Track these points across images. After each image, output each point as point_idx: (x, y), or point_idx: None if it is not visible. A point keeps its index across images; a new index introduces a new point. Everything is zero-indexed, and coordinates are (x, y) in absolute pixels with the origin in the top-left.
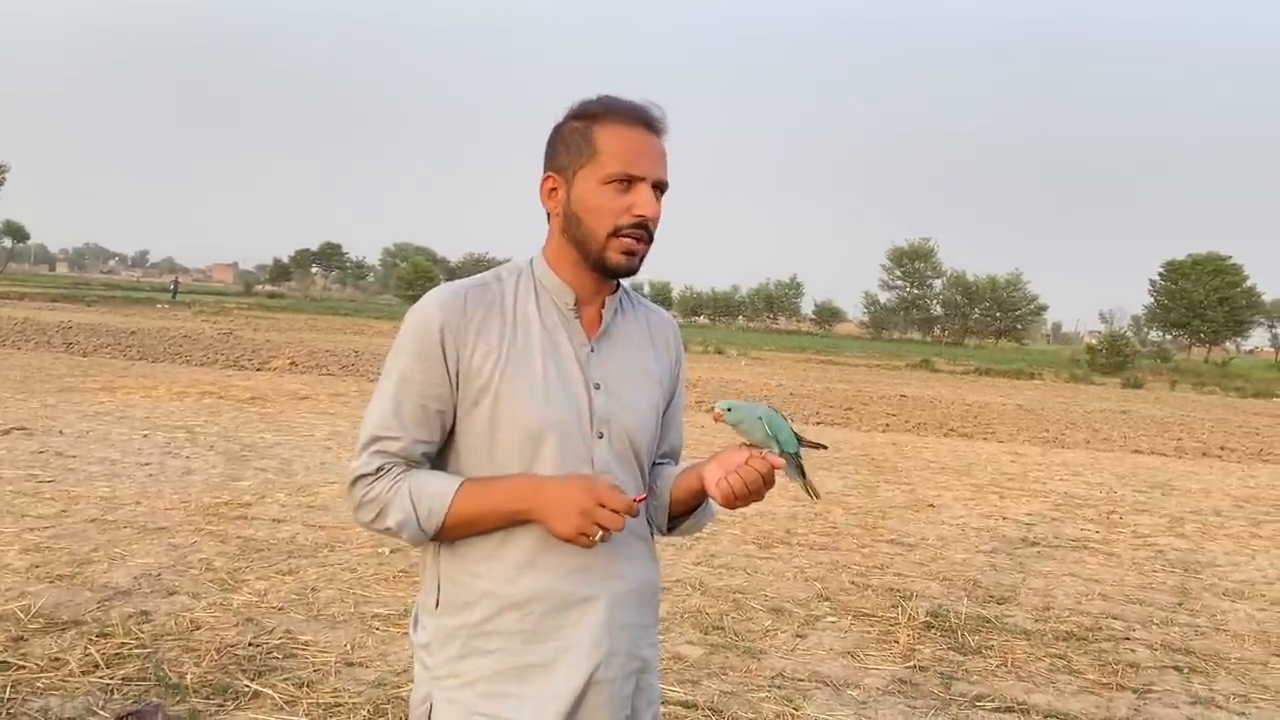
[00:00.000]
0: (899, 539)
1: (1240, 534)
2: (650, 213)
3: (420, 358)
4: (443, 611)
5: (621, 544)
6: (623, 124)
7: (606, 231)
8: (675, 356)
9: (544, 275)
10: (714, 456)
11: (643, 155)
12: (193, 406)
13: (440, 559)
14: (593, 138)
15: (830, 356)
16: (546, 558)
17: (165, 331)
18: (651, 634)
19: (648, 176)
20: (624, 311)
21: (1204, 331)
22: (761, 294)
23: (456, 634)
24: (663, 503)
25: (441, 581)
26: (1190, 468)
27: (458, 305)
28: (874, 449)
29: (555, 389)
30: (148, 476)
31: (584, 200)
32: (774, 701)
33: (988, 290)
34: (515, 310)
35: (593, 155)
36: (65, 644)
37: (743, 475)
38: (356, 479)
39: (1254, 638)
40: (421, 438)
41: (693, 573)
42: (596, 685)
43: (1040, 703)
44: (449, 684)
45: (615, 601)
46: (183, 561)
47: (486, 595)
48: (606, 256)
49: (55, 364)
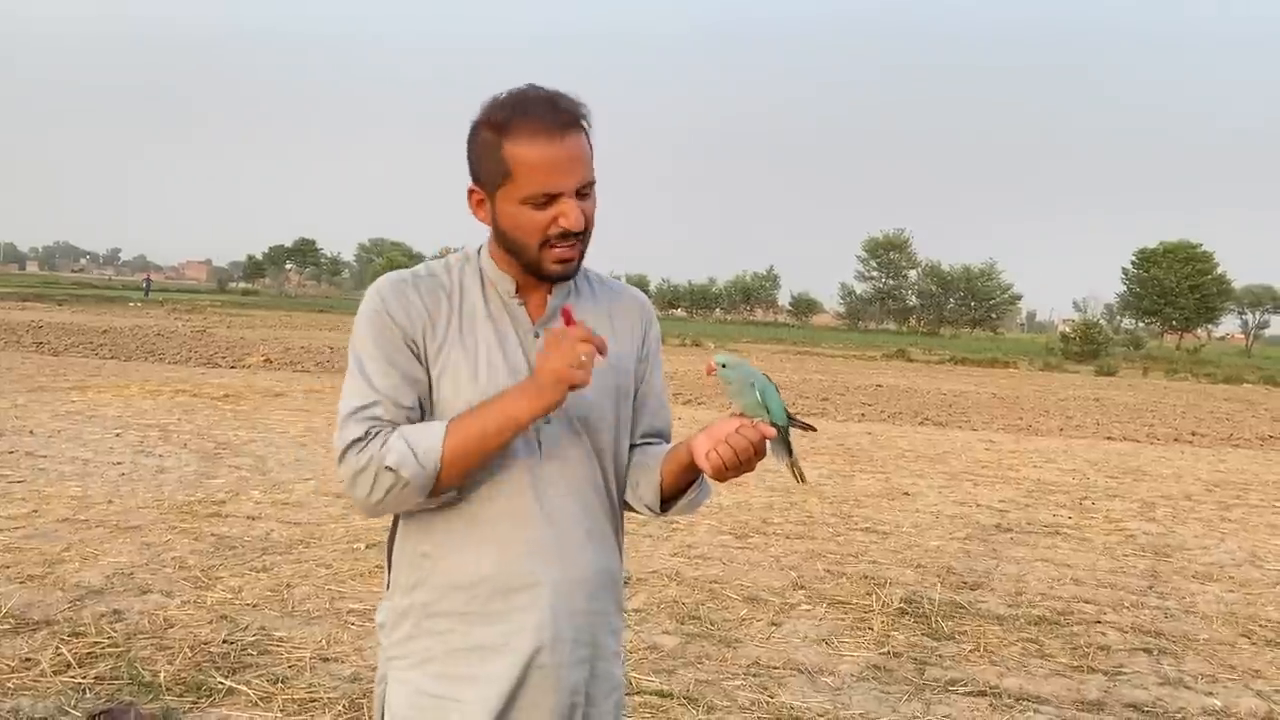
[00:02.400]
0: (874, 527)
1: (1210, 518)
2: (574, 225)
3: (381, 337)
4: (395, 592)
5: (569, 531)
6: (531, 137)
7: (536, 244)
8: (644, 336)
9: (487, 265)
10: (704, 429)
11: (556, 171)
12: (166, 405)
13: (395, 540)
14: (504, 157)
15: (807, 347)
16: (494, 541)
17: (138, 330)
18: (611, 621)
19: (565, 190)
20: (579, 295)
21: (1176, 319)
22: (738, 286)
23: (408, 614)
24: (653, 481)
25: (395, 562)
26: (1162, 453)
27: (402, 290)
28: (849, 438)
29: (500, 375)
30: (120, 476)
31: (506, 221)
32: (749, 689)
33: (962, 280)
34: (462, 298)
35: (508, 177)
36: (37, 644)
37: (733, 444)
38: (347, 448)
39: (1222, 619)
40: (403, 402)
41: (669, 563)
42: (540, 669)
43: (1013, 686)
44: (400, 664)
45: (562, 587)
46: (156, 560)
47: (435, 576)
48: (543, 267)
49: (25, 363)
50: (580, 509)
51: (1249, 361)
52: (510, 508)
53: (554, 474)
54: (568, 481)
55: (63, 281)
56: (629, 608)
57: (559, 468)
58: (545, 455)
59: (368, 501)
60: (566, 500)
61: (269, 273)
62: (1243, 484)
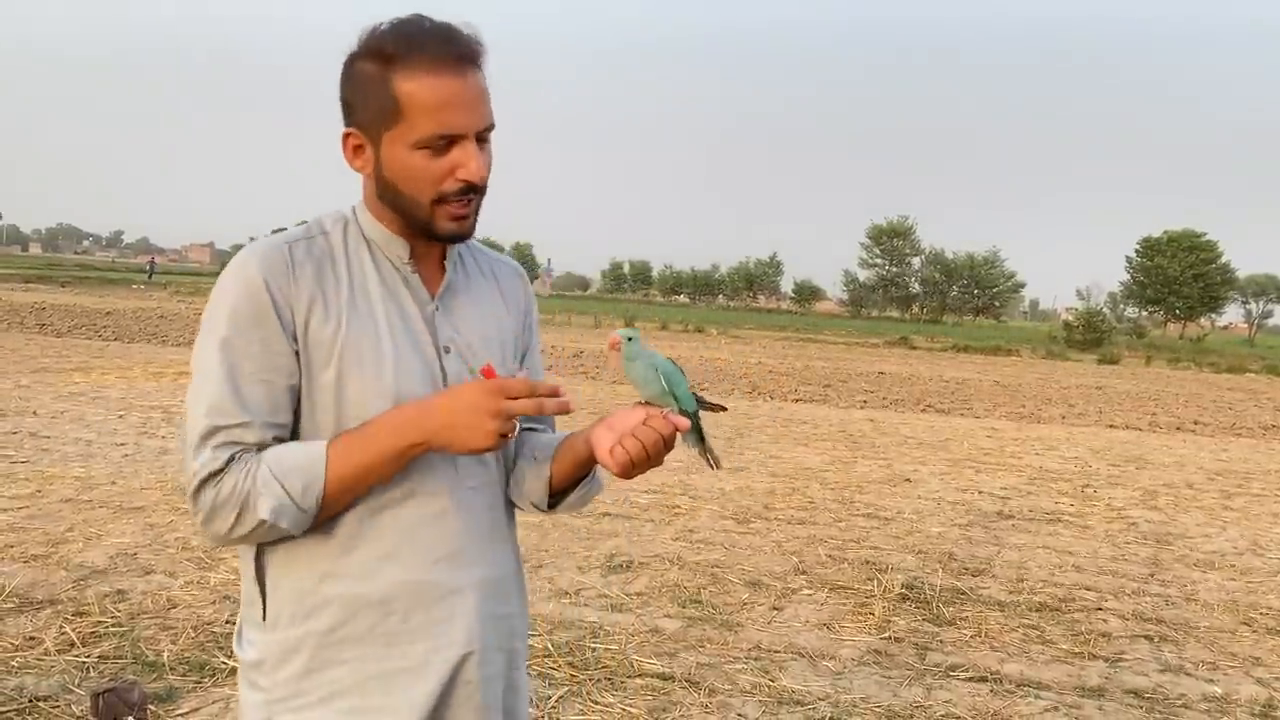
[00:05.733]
0: (875, 513)
1: (1212, 506)
2: (477, 175)
3: (253, 324)
4: (275, 624)
5: (484, 525)
6: (426, 69)
7: (429, 199)
8: (524, 308)
9: (371, 228)
10: (603, 419)
11: (457, 107)
12: (169, 387)
13: (265, 562)
14: (393, 92)
15: (810, 334)
16: (408, 548)
17: (141, 312)
18: (522, 623)
19: (467, 131)
20: (464, 264)
21: (1179, 308)
22: (741, 273)
23: (299, 647)
24: (542, 476)
25: (269, 590)
26: (1164, 442)
27: (282, 261)
28: (852, 425)
29: (406, 356)
30: (123, 457)
31: (395, 168)
32: (751, 673)
33: (966, 268)
34: (349, 266)
35: (398, 116)
36: (40, 623)
37: (641, 438)
38: (203, 482)
39: (1223, 607)
40: (274, 420)
41: (671, 548)
42: (466, 685)
43: (1013, 672)
44: (294, 704)
45: (486, 591)
46: (159, 540)
47: (337, 599)
48: (435, 225)
49: (29, 345)
50: (489, 503)
51: (1252, 351)
52: (427, 510)
53: (470, 467)
54: (480, 475)
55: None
56: (630, 591)
57: (474, 459)
58: None
59: (226, 537)
60: (478, 495)
61: None
62: (1245, 473)
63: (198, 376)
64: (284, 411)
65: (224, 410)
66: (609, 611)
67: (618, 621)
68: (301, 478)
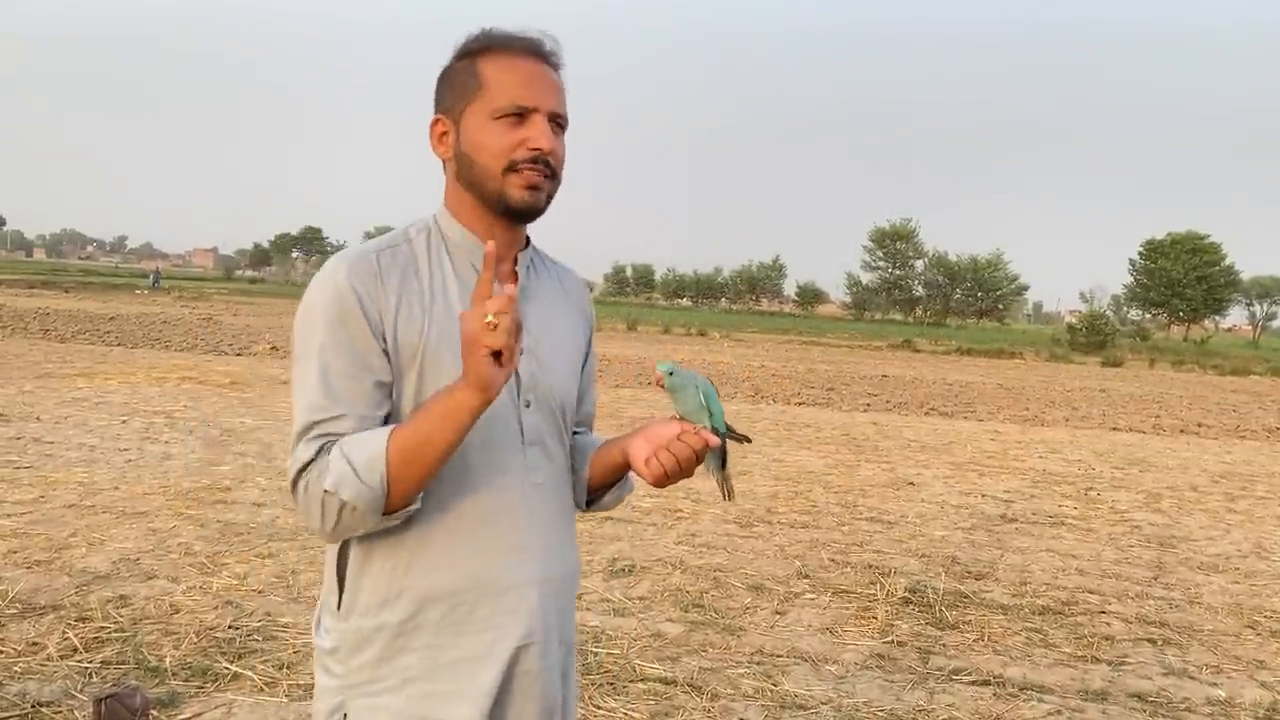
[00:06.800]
0: (878, 517)
1: (1216, 509)
2: (546, 145)
3: (341, 326)
4: (349, 613)
5: (549, 523)
6: (511, 54)
7: (501, 167)
8: (588, 320)
9: (450, 228)
10: (640, 430)
11: (533, 85)
12: (172, 392)
13: (347, 557)
14: (478, 71)
15: (813, 337)
16: (476, 542)
17: (144, 317)
18: (574, 617)
19: (540, 107)
20: (536, 270)
21: (1183, 310)
22: (744, 276)
23: (374, 637)
24: (582, 478)
25: (347, 581)
26: (1168, 444)
27: (368, 268)
28: (855, 428)
29: None
30: (126, 462)
31: (474, 138)
32: (753, 677)
33: (969, 270)
34: (431, 272)
35: (479, 89)
36: (43, 628)
37: (675, 452)
38: (300, 472)
39: (1227, 610)
40: (365, 414)
41: (674, 551)
42: (527, 675)
43: (1016, 675)
44: (369, 689)
45: (549, 585)
46: (162, 546)
47: (409, 591)
48: (507, 194)
49: (32, 350)
50: (554, 499)
51: (1256, 353)
52: (496, 505)
53: (538, 462)
54: (547, 470)
55: (70, 269)
56: (633, 595)
57: (541, 455)
58: (528, 442)
59: (324, 531)
60: (547, 491)
61: (275, 260)
62: (1249, 476)
63: (296, 380)
64: (375, 406)
65: (318, 407)
66: (611, 616)
67: (620, 626)
68: (365, 450)
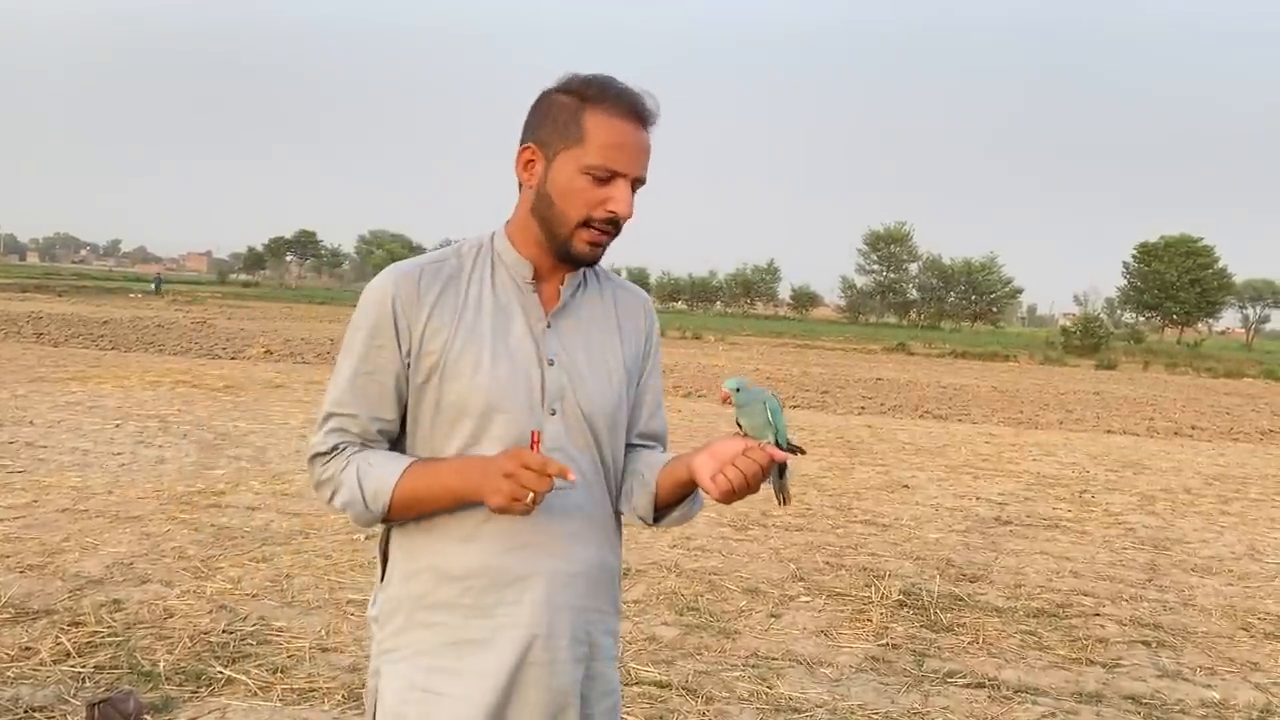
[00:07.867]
0: (873, 519)
1: (1210, 511)
2: (624, 211)
3: (374, 334)
4: (391, 582)
5: (565, 523)
6: (615, 114)
7: (577, 220)
8: (646, 335)
9: (504, 249)
10: (705, 447)
11: (628, 151)
12: (166, 396)
13: (391, 534)
14: (582, 121)
15: (807, 340)
16: (486, 533)
17: (138, 321)
18: (608, 621)
19: (629, 174)
20: (588, 288)
21: (1176, 313)
22: (739, 279)
23: (401, 606)
24: (649, 492)
25: (390, 554)
26: (1162, 447)
27: (412, 281)
28: (849, 431)
29: (503, 366)
30: (120, 466)
31: (560, 183)
32: (748, 680)
33: (963, 274)
34: (470, 285)
35: (579, 140)
36: (36, 633)
37: (742, 468)
38: (313, 457)
39: (1221, 612)
40: (378, 415)
41: (668, 555)
42: (532, 666)
43: (1011, 678)
44: (393, 657)
45: (556, 581)
46: (155, 550)
47: (428, 568)
48: (572, 244)
49: (25, 354)
50: (578, 504)
51: (1249, 356)
52: None
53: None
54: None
55: (63, 273)
56: (628, 599)
57: (562, 460)
58: (549, 448)
59: (330, 507)
60: (562, 496)
61: (269, 264)
62: (1242, 478)
63: (336, 367)
64: (389, 409)
65: (340, 401)
66: None
67: None
68: (376, 486)
